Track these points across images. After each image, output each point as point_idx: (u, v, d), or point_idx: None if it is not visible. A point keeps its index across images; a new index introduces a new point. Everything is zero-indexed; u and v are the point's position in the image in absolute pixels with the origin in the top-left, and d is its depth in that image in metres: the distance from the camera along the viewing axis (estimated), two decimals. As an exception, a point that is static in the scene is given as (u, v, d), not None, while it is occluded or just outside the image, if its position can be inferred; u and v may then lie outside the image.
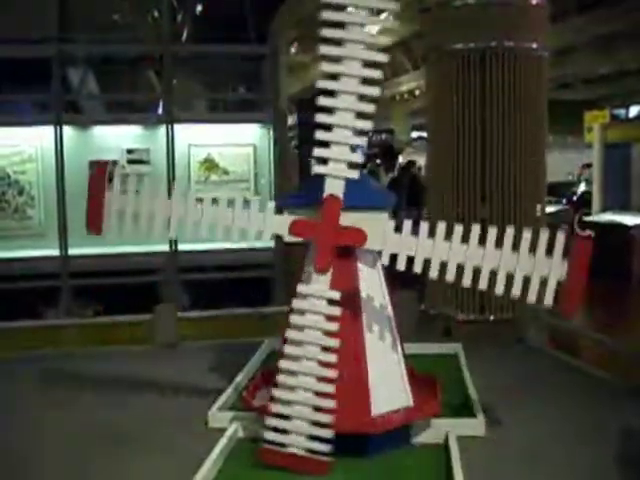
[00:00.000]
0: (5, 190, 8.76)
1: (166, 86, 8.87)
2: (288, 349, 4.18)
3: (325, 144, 4.21)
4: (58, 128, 8.53)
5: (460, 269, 4.20)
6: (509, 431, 4.85)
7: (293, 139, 15.23)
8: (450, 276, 4.22)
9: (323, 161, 4.25)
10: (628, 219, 12.93)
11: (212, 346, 6.94)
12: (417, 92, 30.37)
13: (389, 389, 4.50)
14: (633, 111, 27.84)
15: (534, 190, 7.74)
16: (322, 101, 4.14)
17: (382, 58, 4.08)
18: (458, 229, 4.19)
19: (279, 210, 4.45)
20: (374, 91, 4.12)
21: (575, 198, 19.10)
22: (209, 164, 9.13)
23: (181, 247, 8.75)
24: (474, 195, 7.64)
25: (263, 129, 9.21)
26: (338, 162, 4.22)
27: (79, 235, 8.44)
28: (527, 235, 4.15)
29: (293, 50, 30.40)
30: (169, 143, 8.71)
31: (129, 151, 8.92)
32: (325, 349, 4.15)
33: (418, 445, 4.56)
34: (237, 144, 9.15)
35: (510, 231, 4.16)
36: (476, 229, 4.16)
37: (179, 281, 8.89)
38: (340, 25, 4.07)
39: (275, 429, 4.18)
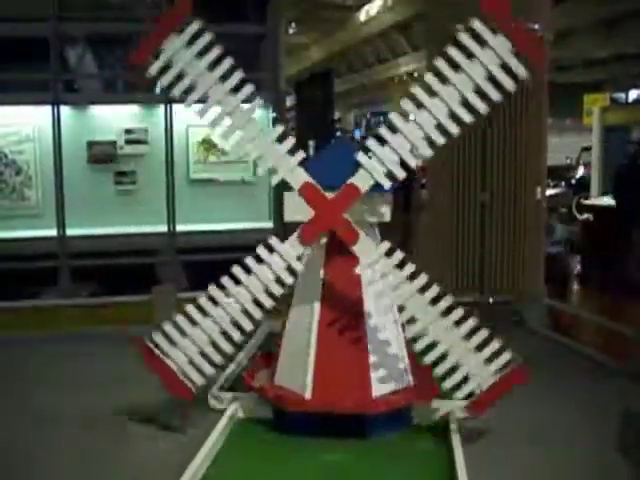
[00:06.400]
0: (2, 170, 8.71)
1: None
2: (403, 316, 4.25)
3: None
4: (56, 107, 8.47)
5: (429, 141, 4.19)
6: (508, 413, 4.85)
7: (290, 120, 15.16)
8: (425, 151, 4.20)
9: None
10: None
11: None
12: (416, 74, 30.26)
13: (390, 370, 4.50)
14: (633, 95, 27.79)
15: (534, 173, 7.69)
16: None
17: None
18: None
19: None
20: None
21: (574, 181, 19.10)
22: (207, 145, 9.08)
23: (179, 228, 8.70)
24: (474, 178, 7.60)
25: (262, 110, 9.13)
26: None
27: (76, 215, 8.46)
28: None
29: (291, 31, 30.23)
30: (167, 123, 8.65)
31: (127, 131, 8.87)
32: (417, 290, 4.21)
33: (418, 426, 4.57)
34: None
35: (430, 77, 4.17)
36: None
37: (178, 262, 8.84)
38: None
39: (456, 387, 4.26)
